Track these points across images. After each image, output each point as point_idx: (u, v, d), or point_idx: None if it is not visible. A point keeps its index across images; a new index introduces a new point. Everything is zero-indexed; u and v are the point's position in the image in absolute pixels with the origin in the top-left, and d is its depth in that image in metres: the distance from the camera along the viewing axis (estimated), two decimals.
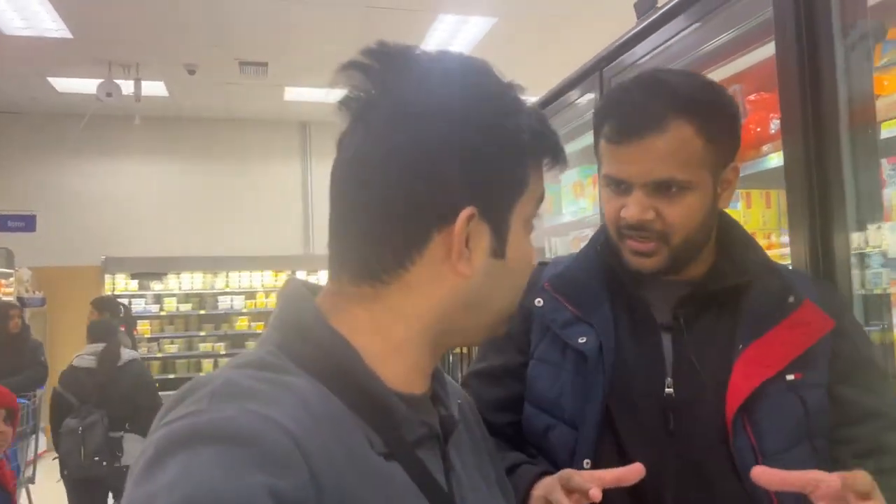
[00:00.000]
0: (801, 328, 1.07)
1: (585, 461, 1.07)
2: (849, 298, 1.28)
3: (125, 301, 8.81)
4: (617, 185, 1.10)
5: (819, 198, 1.31)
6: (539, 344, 1.19)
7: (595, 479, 0.86)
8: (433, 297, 0.71)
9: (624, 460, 0.99)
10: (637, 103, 1.07)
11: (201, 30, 6.59)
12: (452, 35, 6.88)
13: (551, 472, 0.95)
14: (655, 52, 1.93)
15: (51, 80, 8.05)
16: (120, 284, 9.25)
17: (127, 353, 4.52)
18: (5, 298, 7.52)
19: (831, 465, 1.05)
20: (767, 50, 1.65)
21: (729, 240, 1.17)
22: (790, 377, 1.05)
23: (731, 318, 1.10)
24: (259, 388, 0.61)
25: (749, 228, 2.22)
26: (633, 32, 1.98)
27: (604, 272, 1.18)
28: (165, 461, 0.55)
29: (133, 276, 9.35)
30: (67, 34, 6.67)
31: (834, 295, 1.19)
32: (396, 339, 0.72)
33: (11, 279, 8.13)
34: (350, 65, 0.71)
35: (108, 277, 9.19)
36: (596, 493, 0.83)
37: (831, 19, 1.31)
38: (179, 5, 6.06)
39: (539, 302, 1.18)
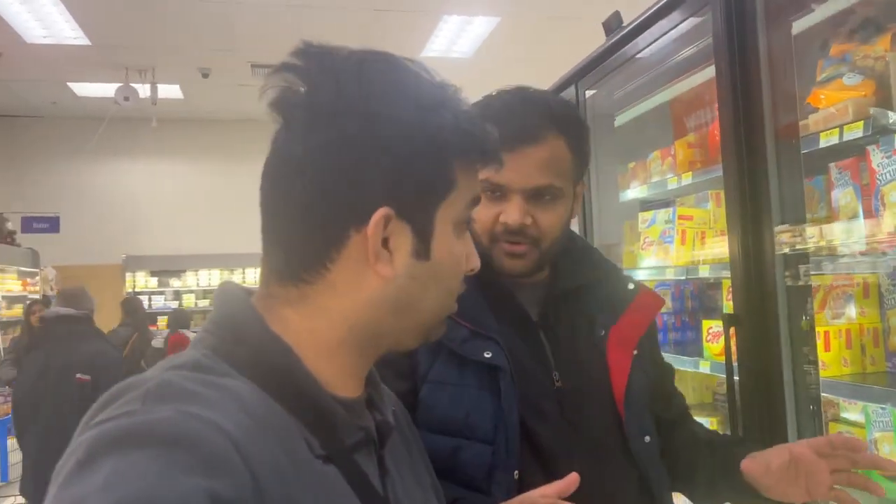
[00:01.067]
0: (643, 310, 1.26)
1: (515, 472, 1.09)
2: (774, 291, 1.46)
3: (145, 297, 9.14)
4: (493, 192, 1.15)
5: (750, 203, 1.49)
6: (431, 366, 1.15)
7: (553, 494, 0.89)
8: (357, 298, 0.70)
9: (539, 456, 1.11)
10: (519, 114, 1.14)
11: (214, 34, 6.80)
12: (457, 35, 7.04)
13: None
14: (624, 65, 2.10)
15: (71, 85, 8.32)
16: (140, 282, 9.55)
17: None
18: (31, 296, 7.82)
19: (654, 420, 1.24)
20: None
21: (570, 244, 1.28)
22: (635, 352, 1.21)
23: (585, 309, 1.24)
24: (195, 390, 0.59)
25: (719, 226, 2.40)
26: (603, 48, 2.15)
27: (478, 283, 1.14)
28: (97, 462, 0.52)
29: (153, 274, 9.64)
30: (86, 41, 6.92)
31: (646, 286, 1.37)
32: (326, 340, 0.70)
33: (37, 278, 8.42)
34: (281, 66, 0.70)
35: (128, 275, 9.48)
36: None
37: (759, 49, 1.48)
38: (192, 11, 6.27)
39: None
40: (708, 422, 2.23)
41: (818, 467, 0.99)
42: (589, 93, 2.35)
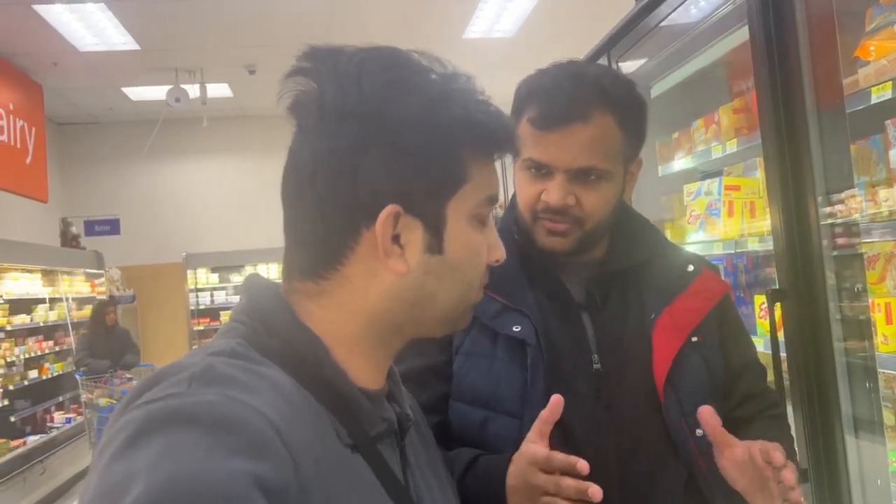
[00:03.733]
0: (702, 294, 1.17)
1: None
2: (820, 263, 1.35)
3: (207, 293, 9.40)
4: (538, 170, 1.13)
5: (792, 172, 1.39)
6: (465, 338, 1.16)
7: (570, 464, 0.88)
8: (373, 293, 0.71)
9: (568, 440, 1.06)
10: (565, 92, 1.10)
11: (256, 30, 6.87)
12: (498, 14, 6.92)
13: None
14: (655, 30, 1.99)
15: (125, 90, 8.55)
16: (202, 278, 9.80)
17: None
18: (99, 297, 8.13)
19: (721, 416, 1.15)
20: None
21: (627, 222, 1.23)
22: (695, 339, 1.14)
23: (637, 291, 1.18)
24: (237, 376, 0.61)
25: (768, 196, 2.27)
26: (632, 14, 2.05)
27: (521, 259, 1.19)
28: (145, 441, 0.54)
29: (213, 270, 9.88)
30: (135, 46, 7.08)
31: (716, 268, 1.28)
32: (349, 332, 0.72)
33: (102, 279, 8.73)
34: (292, 70, 0.72)
35: (189, 272, 9.73)
36: (596, 492, 0.86)
37: (794, 5, 1.36)
38: (234, 9, 6.34)
39: None
40: None
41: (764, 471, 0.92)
42: (623, 64, 2.24)
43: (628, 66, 2.29)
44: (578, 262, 1.18)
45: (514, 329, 1.12)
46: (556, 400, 0.92)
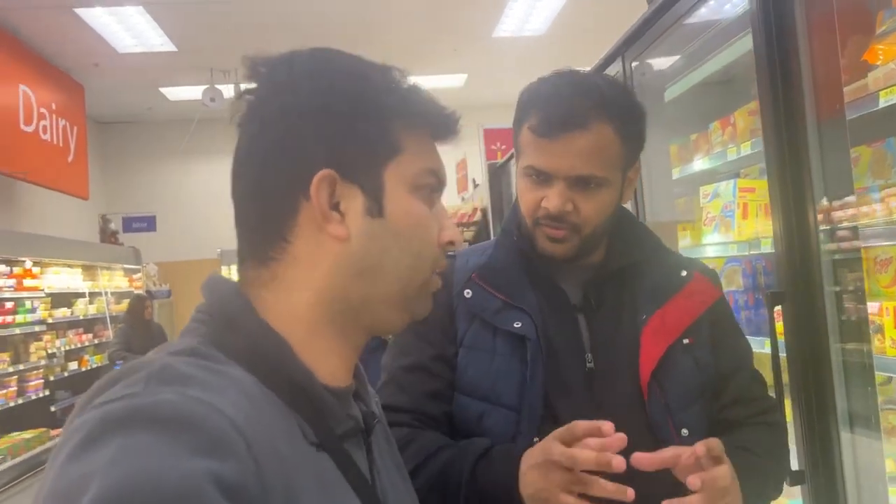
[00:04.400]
0: (694, 298, 1.20)
1: (535, 439, 1.10)
2: (818, 267, 1.36)
3: None
4: (538, 176, 1.17)
5: (791, 178, 1.39)
6: (466, 332, 1.20)
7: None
8: (322, 266, 0.71)
9: None
10: (566, 100, 1.13)
11: (289, 31, 6.96)
12: (528, 13, 6.92)
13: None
14: (668, 32, 2.00)
15: (163, 90, 8.74)
16: (236, 275, 9.96)
17: None
18: (137, 292, 8.34)
19: (709, 417, 1.18)
20: None
21: (624, 225, 1.27)
22: (686, 341, 1.17)
23: (630, 293, 1.22)
24: (197, 375, 0.60)
25: None
26: (646, 16, 2.06)
27: (522, 260, 1.24)
28: (102, 441, 0.53)
29: None
30: (172, 47, 7.24)
31: (711, 272, 1.30)
32: (305, 320, 0.71)
33: (140, 274, 8.95)
34: (240, 93, 0.75)
35: (224, 268, 9.90)
36: (619, 463, 0.90)
37: (795, 14, 1.37)
38: (267, 10, 6.45)
39: (468, 293, 1.21)
40: None
41: None
42: (637, 67, 2.25)
43: (642, 69, 2.29)
44: (576, 265, 1.22)
45: (515, 325, 1.16)
46: (613, 432, 0.93)
